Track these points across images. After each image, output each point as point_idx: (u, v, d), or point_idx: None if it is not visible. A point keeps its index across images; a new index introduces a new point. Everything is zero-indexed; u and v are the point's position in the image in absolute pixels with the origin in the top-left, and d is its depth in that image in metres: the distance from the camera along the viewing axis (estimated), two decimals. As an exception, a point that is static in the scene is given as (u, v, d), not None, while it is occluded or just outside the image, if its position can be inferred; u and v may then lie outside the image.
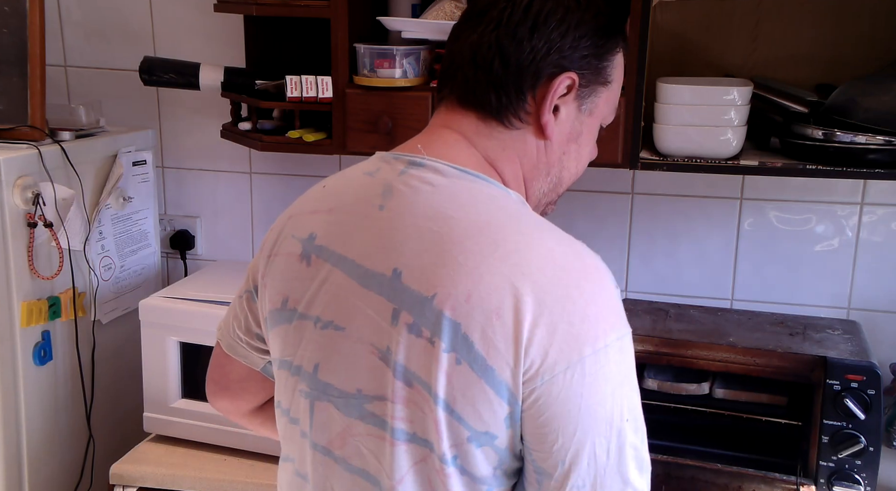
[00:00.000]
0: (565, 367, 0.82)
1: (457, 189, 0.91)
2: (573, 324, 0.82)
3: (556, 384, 0.82)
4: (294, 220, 1.01)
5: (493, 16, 0.94)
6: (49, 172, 1.64)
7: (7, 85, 1.66)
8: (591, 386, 0.83)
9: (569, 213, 1.90)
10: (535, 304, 0.82)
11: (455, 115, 0.97)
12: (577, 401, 0.83)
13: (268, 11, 1.61)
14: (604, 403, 0.84)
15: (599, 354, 0.83)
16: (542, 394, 0.83)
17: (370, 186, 0.95)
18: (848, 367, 1.43)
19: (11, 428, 1.64)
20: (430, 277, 0.86)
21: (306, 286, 0.95)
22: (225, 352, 1.14)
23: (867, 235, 1.77)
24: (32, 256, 1.62)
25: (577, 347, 0.82)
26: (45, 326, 1.69)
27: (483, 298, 0.83)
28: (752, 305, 1.84)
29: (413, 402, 0.87)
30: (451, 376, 0.84)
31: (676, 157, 1.49)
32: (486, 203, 0.90)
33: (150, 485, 1.66)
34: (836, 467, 1.44)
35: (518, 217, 0.90)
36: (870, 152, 1.41)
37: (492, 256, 0.84)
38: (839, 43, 1.65)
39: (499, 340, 0.82)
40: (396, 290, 0.87)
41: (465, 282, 0.84)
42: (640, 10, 1.42)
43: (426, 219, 0.89)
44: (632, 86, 1.46)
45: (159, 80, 1.78)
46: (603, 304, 0.85)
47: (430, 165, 0.93)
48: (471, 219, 0.88)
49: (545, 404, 0.83)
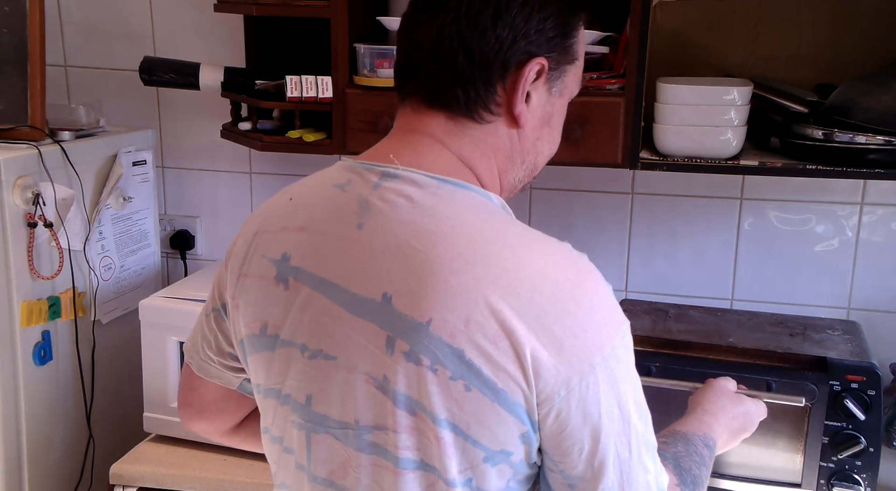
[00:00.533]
0: (579, 379, 0.82)
1: (436, 201, 0.87)
2: (578, 336, 0.82)
3: (573, 398, 0.82)
4: (263, 238, 0.96)
5: (450, 6, 0.89)
6: (49, 172, 1.64)
7: (7, 85, 1.66)
8: (606, 391, 0.83)
9: (569, 213, 1.90)
10: (536, 323, 0.81)
11: (422, 117, 0.92)
12: (597, 408, 0.83)
13: (268, 11, 1.61)
14: (619, 404, 0.84)
15: (609, 359, 0.83)
16: (560, 409, 0.82)
17: (344, 202, 0.90)
18: (848, 367, 1.42)
19: (11, 428, 1.64)
20: (422, 301, 0.82)
21: (286, 311, 0.91)
22: (196, 374, 1.10)
23: (867, 235, 1.77)
24: (32, 256, 1.62)
25: (586, 358, 0.82)
26: (45, 326, 1.69)
27: (481, 322, 0.81)
28: (752, 305, 1.84)
29: (418, 430, 0.85)
30: (463, 403, 0.82)
31: (676, 157, 1.49)
32: (469, 215, 0.87)
33: (150, 485, 1.66)
34: (836, 468, 1.44)
35: (503, 229, 0.87)
36: (870, 152, 1.40)
37: (485, 278, 0.81)
38: (839, 43, 1.65)
39: (506, 362, 0.81)
40: (388, 316, 0.84)
41: (460, 306, 0.81)
42: (640, 10, 1.42)
43: (409, 237, 0.85)
44: (632, 86, 1.45)
45: (159, 80, 1.78)
46: (601, 308, 0.84)
47: (405, 176, 0.88)
48: (456, 234, 0.84)
49: (566, 418, 0.83)
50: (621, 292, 1.90)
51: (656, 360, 1.49)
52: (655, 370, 1.49)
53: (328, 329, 0.88)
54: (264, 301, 0.93)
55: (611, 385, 0.83)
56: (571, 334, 0.81)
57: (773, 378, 1.44)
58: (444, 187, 0.88)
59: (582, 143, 1.49)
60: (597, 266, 0.88)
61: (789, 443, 1.47)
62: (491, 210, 0.89)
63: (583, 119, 1.48)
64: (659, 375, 1.49)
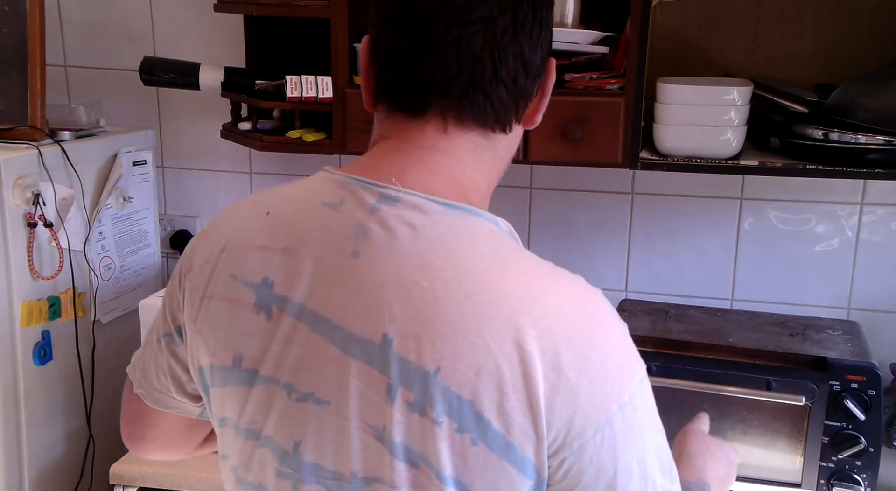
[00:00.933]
0: (594, 431, 0.76)
1: (443, 231, 0.78)
2: (594, 383, 0.75)
3: (586, 451, 0.76)
4: (233, 256, 0.85)
5: (506, 21, 0.80)
6: (49, 172, 1.64)
7: (7, 85, 1.66)
8: (623, 444, 0.77)
9: (569, 213, 1.90)
10: (551, 369, 0.74)
11: (448, 136, 0.84)
12: (613, 463, 0.77)
13: (268, 11, 1.61)
14: (637, 457, 0.78)
15: (626, 409, 0.77)
16: (573, 463, 0.76)
17: (337, 225, 0.81)
18: (848, 367, 1.42)
19: (11, 428, 1.64)
20: (429, 346, 0.75)
21: (266, 344, 0.82)
22: (152, 407, 1.00)
23: (867, 235, 1.77)
24: (32, 256, 1.62)
25: (602, 407, 0.76)
26: (45, 326, 1.69)
27: (493, 370, 0.73)
28: (752, 305, 1.84)
29: (420, 485, 0.78)
30: (468, 458, 0.75)
31: (676, 157, 1.49)
32: (478, 247, 0.78)
33: (150, 485, 1.66)
34: (836, 468, 1.44)
35: (514, 263, 0.79)
36: (870, 152, 1.40)
37: (496, 318, 0.74)
38: (839, 43, 1.65)
39: (517, 414, 0.74)
40: (388, 361, 0.76)
41: (470, 352, 0.74)
42: (640, 10, 1.42)
43: (412, 271, 0.76)
44: (632, 86, 1.45)
45: (159, 80, 1.78)
46: (618, 351, 0.78)
47: (408, 200, 0.79)
48: (465, 270, 0.76)
49: (578, 472, 0.77)
50: (621, 292, 1.90)
51: (656, 360, 1.49)
52: (655, 370, 1.49)
53: (319, 370, 0.80)
54: (239, 330, 0.84)
55: (628, 437, 0.77)
56: (587, 380, 0.75)
57: (773, 378, 1.44)
58: (449, 214, 0.80)
59: (582, 143, 1.49)
60: (597, 266, 0.87)
61: (789, 443, 1.47)
62: (499, 238, 0.81)
63: (583, 119, 1.48)
64: (659, 375, 1.49)
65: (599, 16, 1.56)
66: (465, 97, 0.82)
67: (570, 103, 1.48)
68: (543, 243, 1.92)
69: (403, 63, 0.82)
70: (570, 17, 1.52)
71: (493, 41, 0.80)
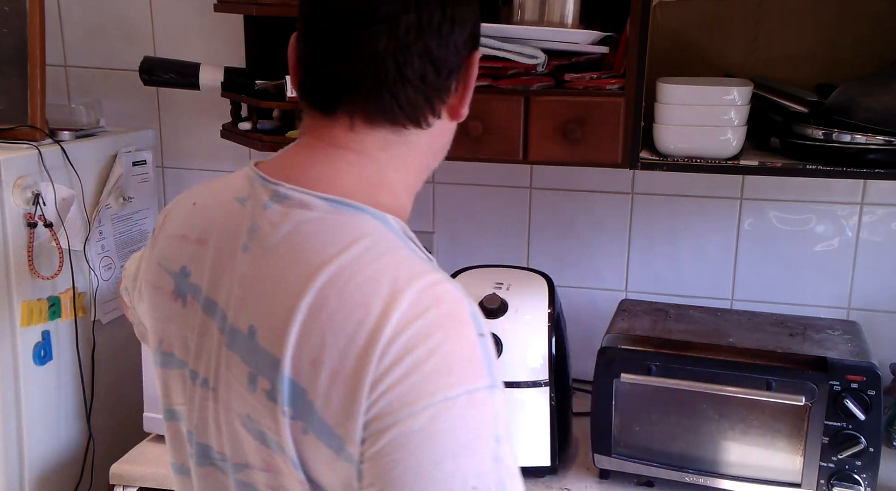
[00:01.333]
0: (398, 429, 0.73)
1: (321, 228, 0.80)
2: (410, 380, 0.73)
3: (391, 445, 0.73)
4: (161, 242, 0.92)
5: (409, 20, 0.81)
6: (49, 172, 1.64)
7: (7, 85, 1.66)
8: (424, 445, 0.73)
9: (569, 213, 1.90)
10: (377, 363, 0.73)
11: (358, 134, 0.85)
12: (411, 462, 0.73)
13: (268, 11, 1.61)
14: (440, 466, 0.73)
15: (437, 408, 0.73)
16: (379, 455, 0.74)
17: (239, 219, 0.85)
18: (848, 367, 1.42)
19: (11, 428, 1.64)
20: (281, 336, 0.77)
21: (183, 332, 0.87)
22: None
23: (867, 235, 1.77)
24: (32, 256, 1.62)
25: (411, 401, 0.73)
26: (45, 326, 1.69)
27: (325, 361, 0.75)
28: (752, 305, 1.84)
29: (278, 470, 0.81)
30: (303, 445, 0.78)
31: (676, 157, 1.49)
32: (348, 246, 0.79)
33: (150, 485, 1.66)
34: (836, 468, 1.44)
35: (387, 253, 0.79)
36: (870, 152, 1.40)
37: (338, 312, 0.75)
38: (839, 43, 1.65)
39: (341, 405, 0.74)
40: (252, 350, 0.79)
41: (311, 342, 0.76)
42: (640, 10, 1.42)
43: (284, 268, 0.79)
44: (632, 86, 1.45)
45: (159, 80, 1.78)
46: (453, 354, 0.75)
47: (297, 199, 0.82)
48: (325, 267, 0.77)
49: (384, 468, 0.74)
50: (621, 292, 1.90)
51: (656, 360, 1.49)
52: (655, 370, 1.49)
53: (210, 356, 0.85)
54: (161, 315, 0.90)
55: (433, 440, 0.73)
56: (405, 375, 0.73)
57: (773, 378, 1.44)
58: (335, 211, 0.81)
59: (582, 143, 1.49)
60: (597, 266, 0.86)
61: (789, 443, 1.47)
62: (381, 234, 0.81)
63: (583, 119, 1.48)
64: (659, 375, 1.49)
65: (599, 16, 1.56)
66: (370, 96, 0.83)
67: (570, 103, 1.48)
68: (543, 243, 1.92)
69: (314, 63, 0.85)
70: (570, 17, 1.52)
71: (396, 41, 0.81)
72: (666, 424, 1.54)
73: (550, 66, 1.51)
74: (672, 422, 1.53)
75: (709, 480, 1.52)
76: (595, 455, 1.57)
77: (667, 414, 1.53)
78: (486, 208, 1.96)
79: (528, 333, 1.58)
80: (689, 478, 1.52)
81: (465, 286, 1.56)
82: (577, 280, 1.92)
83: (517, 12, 1.53)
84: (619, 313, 1.70)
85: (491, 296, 1.59)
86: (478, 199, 1.96)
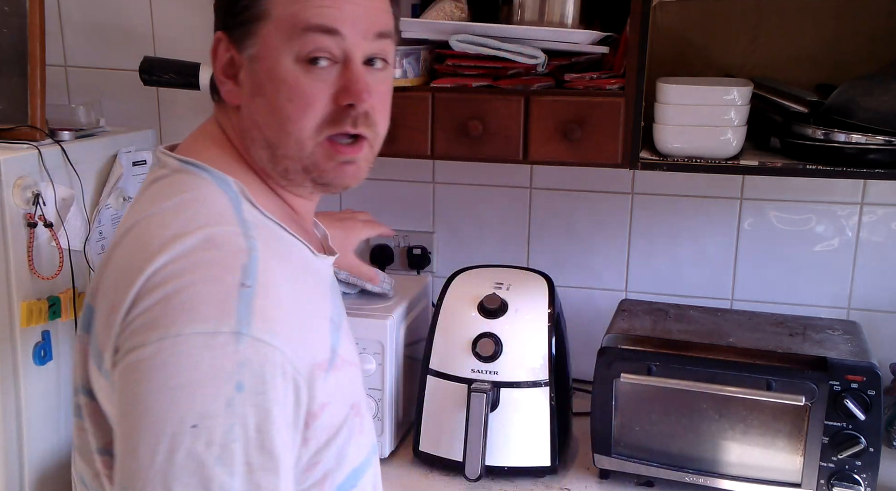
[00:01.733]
0: (133, 356, 0.79)
1: (162, 185, 0.92)
2: (154, 311, 0.79)
3: (125, 370, 0.79)
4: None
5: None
6: (49, 172, 1.64)
7: (7, 85, 1.66)
8: (145, 375, 0.77)
9: (569, 213, 1.90)
10: (136, 293, 0.81)
11: (218, 110, 1.02)
12: (133, 389, 0.77)
13: (268, 11, 1.61)
14: (156, 397, 0.76)
15: (168, 341, 0.77)
16: (119, 381, 0.80)
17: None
18: (848, 367, 1.42)
19: (11, 428, 1.64)
20: (98, 274, 0.92)
21: None
22: None
23: (867, 235, 1.77)
24: (32, 256, 1.62)
25: (148, 331, 0.78)
26: (45, 326, 1.69)
27: (107, 291, 0.86)
28: (752, 305, 1.84)
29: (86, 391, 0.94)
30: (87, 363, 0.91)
31: (676, 157, 1.49)
32: (168, 196, 0.90)
33: (150, 485, 1.66)
34: (836, 468, 1.44)
35: (185, 207, 0.88)
36: (870, 152, 1.40)
37: (127, 248, 0.87)
38: (839, 43, 1.65)
39: (104, 326, 0.85)
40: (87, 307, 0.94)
41: (104, 276, 0.88)
42: (640, 10, 1.42)
43: (121, 226, 0.93)
44: (632, 86, 1.45)
45: (159, 80, 1.78)
46: (201, 295, 0.79)
47: (163, 160, 0.96)
48: (143, 212, 0.90)
49: (119, 392, 0.80)
50: (621, 292, 1.90)
51: (656, 360, 1.50)
52: (655, 370, 1.49)
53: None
54: None
55: (158, 372, 0.76)
56: (152, 307, 0.80)
57: (773, 378, 1.44)
58: (182, 170, 0.93)
59: (582, 143, 1.49)
60: (597, 266, 0.87)
61: (789, 443, 1.47)
62: (197, 190, 0.90)
63: (583, 119, 1.48)
64: (659, 375, 1.49)
65: (599, 16, 1.56)
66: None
67: (570, 103, 1.48)
68: (543, 243, 1.92)
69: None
70: (570, 17, 1.52)
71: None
72: (666, 424, 1.54)
73: (550, 66, 1.51)
74: (672, 422, 1.53)
75: (709, 480, 1.52)
76: (595, 455, 1.57)
77: (667, 414, 1.53)
78: (486, 208, 1.96)
79: (528, 333, 1.58)
80: (689, 478, 1.53)
81: (464, 286, 1.59)
82: (577, 280, 1.92)
83: (517, 12, 1.53)
84: (619, 313, 1.70)
85: (491, 296, 1.59)
86: (478, 199, 1.96)
